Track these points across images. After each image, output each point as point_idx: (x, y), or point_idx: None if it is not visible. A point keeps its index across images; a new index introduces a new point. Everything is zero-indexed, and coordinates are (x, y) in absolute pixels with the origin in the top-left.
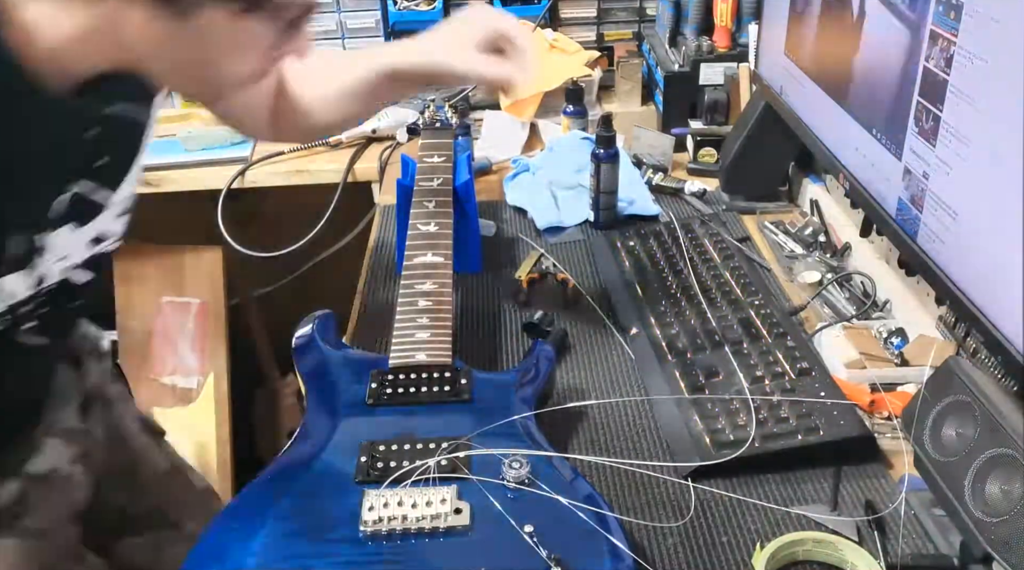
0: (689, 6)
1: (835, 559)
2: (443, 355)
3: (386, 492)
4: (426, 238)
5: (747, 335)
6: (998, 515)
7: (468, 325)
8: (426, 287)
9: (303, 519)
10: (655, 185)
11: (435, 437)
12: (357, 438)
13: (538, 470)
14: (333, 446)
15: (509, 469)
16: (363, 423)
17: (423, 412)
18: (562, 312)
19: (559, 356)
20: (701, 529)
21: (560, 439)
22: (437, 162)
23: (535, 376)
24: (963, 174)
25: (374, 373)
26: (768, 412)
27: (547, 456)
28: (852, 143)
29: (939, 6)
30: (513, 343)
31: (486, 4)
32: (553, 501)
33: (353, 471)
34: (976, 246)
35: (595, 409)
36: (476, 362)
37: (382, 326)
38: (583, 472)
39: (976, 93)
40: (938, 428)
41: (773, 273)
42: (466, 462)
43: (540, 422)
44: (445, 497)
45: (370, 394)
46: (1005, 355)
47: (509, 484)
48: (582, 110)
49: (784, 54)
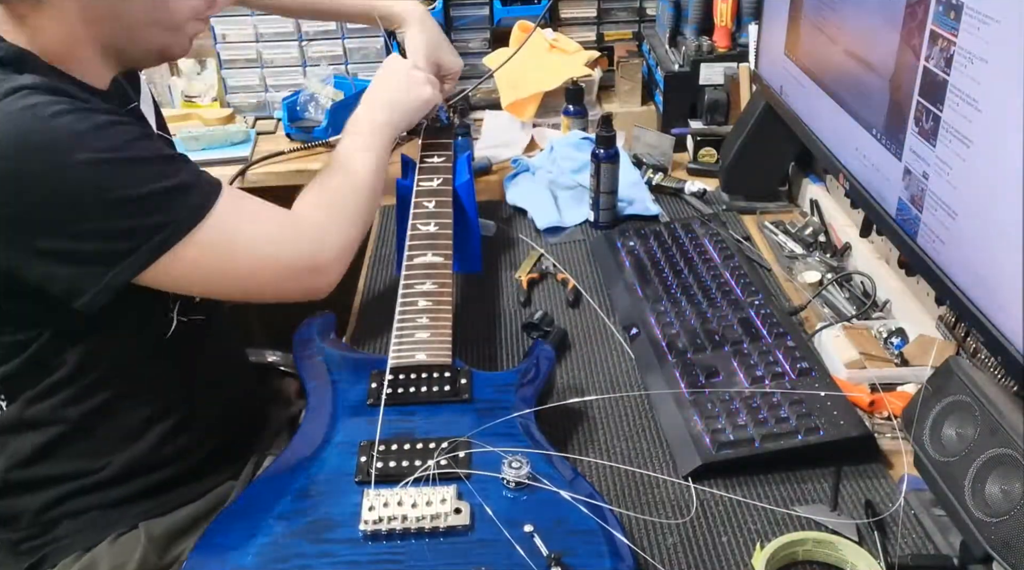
0: (689, 6)
1: (835, 559)
2: (443, 355)
3: (386, 492)
4: (426, 238)
5: (747, 335)
6: (998, 515)
7: (468, 325)
8: (426, 287)
9: (303, 519)
10: (655, 185)
11: (435, 437)
12: (357, 438)
13: (538, 470)
14: (333, 446)
15: (509, 468)
16: (363, 423)
17: (423, 412)
18: (562, 312)
19: (559, 355)
20: (701, 529)
21: (560, 439)
22: (437, 162)
23: (535, 376)
24: (963, 174)
25: (374, 373)
26: (768, 412)
27: (547, 456)
28: (852, 143)
29: (939, 6)
30: (513, 343)
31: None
32: (553, 501)
33: (353, 471)
34: (976, 246)
35: (595, 409)
36: (476, 362)
37: (382, 326)
38: (583, 472)
39: (976, 93)
40: (938, 428)
41: (773, 273)
42: (466, 461)
43: (540, 422)
44: (445, 497)
45: (370, 394)
46: (1005, 355)
47: (509, 483)
48: (582, 110)
49: (784, 54)
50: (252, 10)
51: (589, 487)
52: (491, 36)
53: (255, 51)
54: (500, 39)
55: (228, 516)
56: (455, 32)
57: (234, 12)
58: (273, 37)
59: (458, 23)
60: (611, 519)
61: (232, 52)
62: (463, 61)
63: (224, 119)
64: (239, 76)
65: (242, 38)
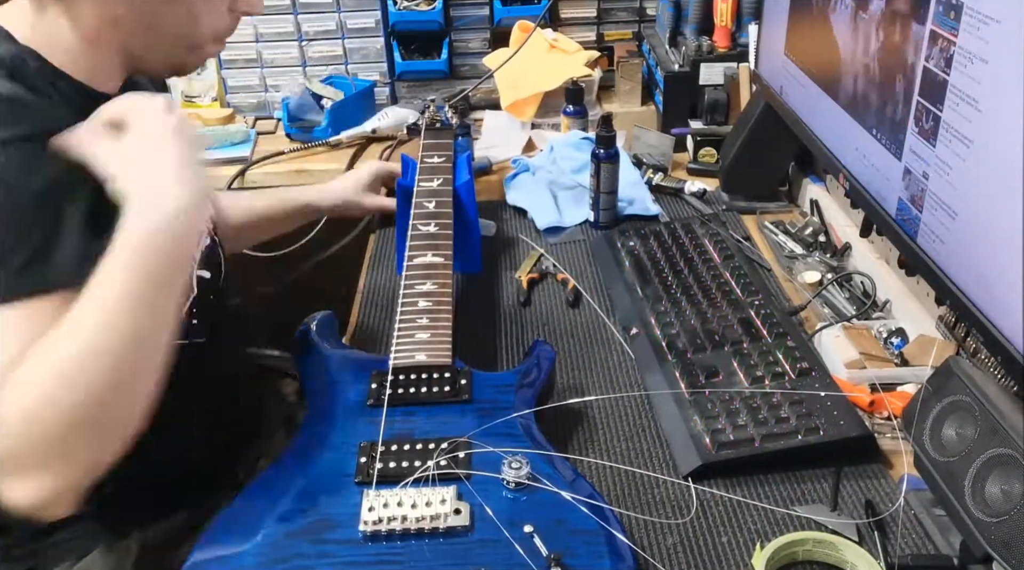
0: (689, 6)
1: (835, 559)
2: (443, 355)
3: (385, 492)
4: (426, 238)
5: (747, 335)
6: (998, 515)
7: (468, 325)
8: (426, 287)
9: (303, 520)
10: (655, 185)
11: (435, 437)
12: (357, 439)
13: (538, 470)
14: (333, 446)
15: (509, 469)
16: (363, 423)
17: (423, 412)
18: (562, 312)
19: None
20: (701, 529)
21: (560, 439)
22: (437, 162)
23: (536, 376)
24: (963, 174)
25: (374, 374)
26: (768, 412)
27: (547, 456)
28: (852, 143)
29: (939, 6)
30: (513, 343)
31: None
32: (553, 501)
33: (353, 471)
34: (976, 246)
35: (595, 409)
36: (476, 362)
37: (382, 326)
38: (583, 472)
39: (976, 93)
40: (938, 428)
41: (773, 273)
42: (466, 462)
43: (540, 422)
44: (445, 497)
45: (370, 394)
46: (1005, 355)
47: (509, 484)
48: (582, 110)
49: (784, 54)
50: None
51: (589, 487)
52: (491, 36)
53: (255, 51)
54: (500, 39)
55: (228, 517)
56: (455, 32)
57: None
58: (273, 37)
59: (458, 23)
60: (611, 519)
61: (232, 52)
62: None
63: (224, 119)
64: (239, 76)
65: (242, 38)
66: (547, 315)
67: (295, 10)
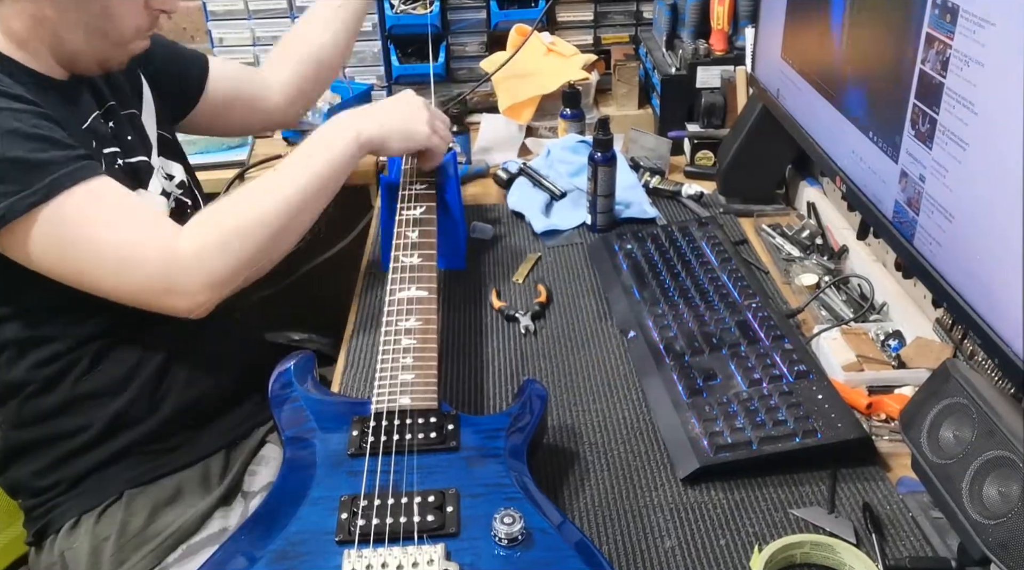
0: (686, 9)
1: (833, 561)
2: (428, 399)
3: (368, 553)
4: (409, 271)
5: (744, 338)
6: (996, 517)
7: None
8: (410, 323)
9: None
10: (652, 188)
11: (421, 490)
12: (337, 492)
13: (532, 524)
14: (311, 502)
15: (500, 524)
16: (343, 475)
17: (408, 462)
18: (553, 325)
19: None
20: (699, 532)
21: (558, 444)
22: (419, 190)
23: (527, 421)
24: (959, 177)
25: (355, 420)
26: (766, 414)
27: (541, 507)
28: (849, 146)
29: (934, 9)
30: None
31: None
32: (548, 558)
33: (333, 529)
34: (972, 248)
35: (593, 412)
36: (467, 370)
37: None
38: (580, 478)
39: (972, 96)
40: (935, 430)
41: (770, 276)
42: (454, 516)
43: (532, 462)
44: (432, 557)
45: (351, 443)
46: (1002, 357)
47: (501, 541)
48: (579, 113)
49: (780, 57)
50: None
51: (580, 534)
52: (488, 39)
53: (252, 54)
54: (497, 42)
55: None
56: (452, 35)
57: (230, 15)
58: (270, 41)
59: (455, 26)
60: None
61: (229, 55)
62: (459, 65)
63: None
64: None
65: (239, 42)
66: (540, 331)
67: (292, 13)
